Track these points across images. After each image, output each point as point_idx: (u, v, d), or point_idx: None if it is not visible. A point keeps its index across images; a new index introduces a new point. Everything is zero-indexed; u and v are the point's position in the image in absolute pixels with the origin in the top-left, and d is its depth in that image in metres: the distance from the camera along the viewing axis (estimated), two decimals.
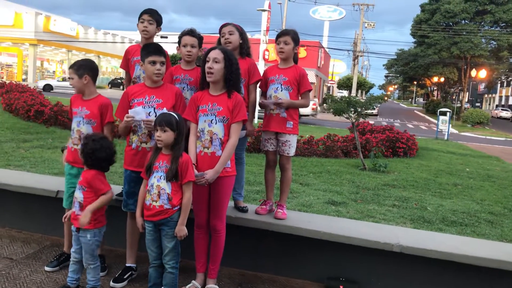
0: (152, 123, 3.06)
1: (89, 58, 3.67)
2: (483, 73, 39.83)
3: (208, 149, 3.08)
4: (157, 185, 2.92)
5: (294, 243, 3.61)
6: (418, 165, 9.99)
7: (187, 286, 3.24)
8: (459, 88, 50.41)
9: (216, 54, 3.09)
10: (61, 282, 3.26)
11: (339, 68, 61.65)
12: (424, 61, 43.64)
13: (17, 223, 4.25)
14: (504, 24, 39.17)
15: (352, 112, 9.30)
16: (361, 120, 11.24)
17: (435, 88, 64.49)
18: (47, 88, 31.78)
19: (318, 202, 5.74)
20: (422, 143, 14.51)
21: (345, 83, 50.16)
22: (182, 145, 2.97)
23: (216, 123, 3.09)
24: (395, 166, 9.43)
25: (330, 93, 48.90)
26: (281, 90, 3.66)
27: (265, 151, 3.85)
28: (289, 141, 3.71)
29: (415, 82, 72.10)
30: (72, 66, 3.36)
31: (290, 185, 4.00)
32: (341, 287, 3.42)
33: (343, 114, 9.30)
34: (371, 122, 14.03)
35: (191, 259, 3.38)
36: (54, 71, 47.29)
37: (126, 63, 3.82)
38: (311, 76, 36.92)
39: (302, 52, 34.47)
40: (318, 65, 41.38)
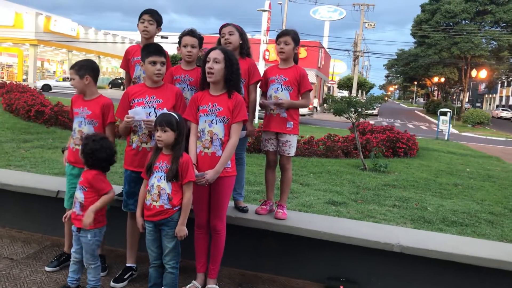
0: (152, 123, 3.06)
1: (90, 59, 3.67)
2: (484, 73, 39.84)
3: (209, 149, 3.08)
4: (158, 185, 2.92)
5: (295, 243, 3.61)
6: (419, 165, 9.99)
7: (187, 286, 3.24)
8: (460, 88, 50.38)
9: (217, 55, 3.09)
10: (62, 282, 3.26)
11: (340, 68, 61.67)
12: (425, 61, 43.63)
13: (18, 223, 4.26)
14: (505, 24, 39.15)
15: (353, 112, 9.31)
16: (362, 120, 11.25)
17: (436, 88, 64.49)
18: (46, 88, 31.82)
19: (319, 202, 5.74)
20: (423, 143, 14.50)
21: (346, 83, 50.17)
22: (183, 145, 2.98)
23: (217, 123, 3.09)
24: (396, 166, 9.43)
25: (331, 93, 48.98)
26: (282, 90, 3.66)
27: (266, 151, 3.85)
28: (290, 141, 3.71)
29: (416, 82, 72.10)
30: (73, 67, 3.36)
31: (291, 185, 4.01)
32: (341, 287, 3.42)
33: (344, 114, 9.30)
34: (372, 122, 14.03)
35: (191, 259, 3.38)
36: (55, 71, 47.32)
37: (126, 63, 3.82)
38: (312, 76, 36.90)
39: (303, 52, 34.46)
40: (319, 65, 41.37)
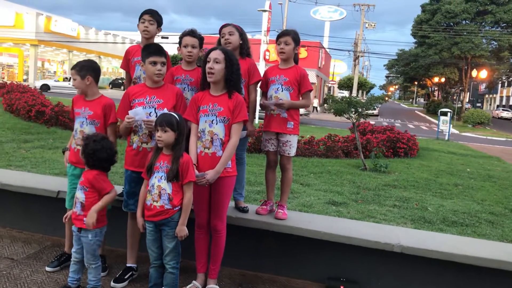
0: (153, 124, 3.06)
1: (91, 59, 3.67)
2: (484, 74, 39.83)
3: (209, 150, 3.09)
4: (158, 185, 2.92)
5: (295, 243, 3.61)
6: (419, 166, 9.99)
7: (188, 286, 3.24)
8: (460, 89, 50.37)
9: (217, 55, 3.09)
10: (62, 282, 3.26)
11: (340, 69, 61.67)
12: (425, 62, 43.62)
13: (18, 223, 4.26)
14: (505, 25, 39.15)
15: (353, 113, 9.31)
16: (362, 121, 11.25)
17: (436, 89, 64.46)
18: (44, 88, 31.89)
19: (319, 203, 5.74)
20: (423, 144, 14.50)
21: (346, 84, 50.16)
22: (183, 146, 2.98)
23: (217, 124, 3.09)
24: (396, 167, 9.43)
25: (331, 94, 49.00)
26: (282, 91, 3.67)
27: (266, 152, 3.85)
28: (290, 141, 3.71)
29: (416, 83, 72.06)
30: (74, 67, 3.36)
31: (291, 186, 4.01)
32: (342, 287, 3.42)
33: (344, 115, 9.30)
34: (372, 123, 14.03)
35: (192, 259, 3.38)
36: (55, 72, 47.34)
37: (127, 64, 3.83)
38: (312, 77, 36.91)
39: (303, 53, 34.47)
40: (319, 66, 41.37)
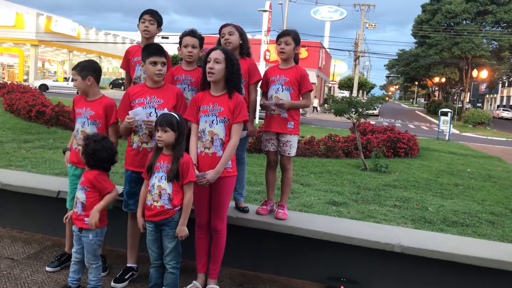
0: (153, 124, 3.06)
1: (92, 59, 3.67)
2: (484, 74, 39.83)
3: (209, 150, 3.09)
4: (158, 185, 2.92)
5: (295, 244, 3.61)
6: (419, 166, 9.98)
7: (188, 286, 3.24)
8: (461, 89, 50.36)
9: (217, 55, 3.09)
10: (62, 282, 3.26)
11: (340, 69, 61.66)
12: (425, 62, 43.61)
13: (18, 223, 4.26)
14: (506, 25, 39.13)
15: (353, 113, 9.31)
16: (362, 121, 11.25)
17: (436, 89, 64.43)
18: (43, 88, 31.85)
19: (319, 203, 5.74)
20: (423, 144, 14.50)
21: (346, 84, 50.16)
22: (183, 146, 2.98)
23: (217, 124, 3.09)
24: (396, 167, 9.42)
25: (331, 94, 48.98)
26: (282, 91, 3.67)
27: (266, 152, 3.85)
28: (290, 141, 3.71)
29: (416, 83, 72.03)
30: (76, 68, 3.36)
31: (291, 186, 4.00)
32: (342, 287, 3.42)
33: (344, 115, 9.30)
34: (372, 123, 14.02)
35: (192, 259, 3.38)
36: (55, 72, 47.34)
37: (127, 64, 3.83)
38: (312, 77, 36.90)
39: (303, 53, 34.47)
40: (319, 66, 41.37)
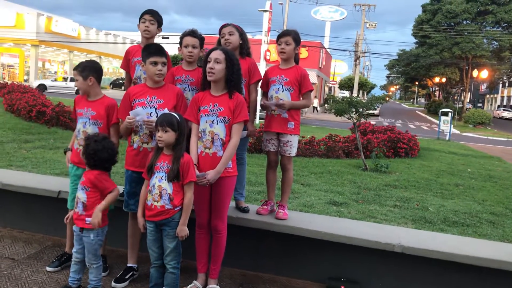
0: (153, 124, 3.06)
1: (94, 59, 3.67)
2: (485, 74, 39.81)
3: (210, 150, 3.09)
4: (159, 185, 2.92)
5: (295, 244, 3.61)
6: (420, 166, 9.98)
7: (188, 286, 3.24)
8: (461, 89, 50.35)
9: (218, 55, 3.09)
10: (63, 282, 3.26)
11: (341, 69, 61.65)
12: (426, 62, 43.59)
13: (19, 223, 4.26)
14: (506, 25, 39.10)
15: (354, 113, 9.31)
16: (363, 121, 11.24)
17: (437, 89, 64.42)
18: (41, 88, 31.83)
19: (320, 203, 5.74)
20: (424, 144, 14.49)
21: (347, 84, 50.16)
22: (184, 146, 2.98)
23: (218, 124, 3.10)
24: (397, 167, 9.42)
25: (332, 94, 48.95)
26: (282, 91, 3.67)
27: (267, 152, 3.85)
28: (291, 142, 3.71)
29: (417, 83, 71.97)
30: (77, 68, 3.36)
31: (292, 186, 4.01)
32: (342, 287, 3.42)
33: (345, 115, 9.30)
34: (373, 123, 14.00)
35: (192, 259, 3.38)
36: (56, 72, 47.34)
37: (127, 64, 3.82)
38: (313, 77, 36.90)
39: (304, 53, 34.47)
40: (320, 66, 41.35)
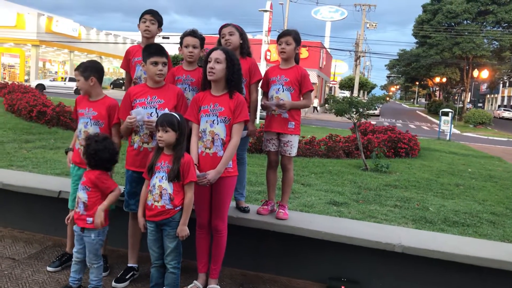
0: (153, 124, 3.07)
1: (95, 60, 3.67)
2: (485, 74, 39.80)
3: (210, 150, 3.09)
4: (159, 185, 2.92)
5: (296, 243, 3.61)
6: (420, 166, 9.98)
7: (189, 286, 3.24)
8: (461, 89, 50.34)
9: (218, 55, 3.09)
10: (63, 282, 3.27)
11: (341, 69, 61.63)
12: (426, 62, 43.57)
13: (20, 223, 4.27)
14: (506, 25, 39.09)
15: (354, 113, 9.31)
16: (363, 121, 11.24)
17: (437, 89, 64.41)
18: (40, 88, 31.83)
19: (320, 203, 5.74)
20: (424, 144, 14.49)
21: (347, 84, 50.13)
22: (184, 146, 2.98)
23: (218, 124, 3.10)
24: (397, 167, 9.42)
25: (332, 94, 48.95)
26: (283, 91, 3.67)
27: (267, 152, 3.85)
28: (291, 142, 3.71)
29: (417, 83, 71.98)
30: (78, 68, 3.36)
31: (292, 186, 4.01)
32: (343, 287, 3.42)
33: (345, 115, 9.30)
34: (373, 123, 14.00)
35: (193, 259, 3.38)
36: (56, 72, 47.36)
37: (127, 64, 3.82)
38: (313, 77, 36.89)
39: (304, 53, 34.47)
40: (320, 66, 41.35)
